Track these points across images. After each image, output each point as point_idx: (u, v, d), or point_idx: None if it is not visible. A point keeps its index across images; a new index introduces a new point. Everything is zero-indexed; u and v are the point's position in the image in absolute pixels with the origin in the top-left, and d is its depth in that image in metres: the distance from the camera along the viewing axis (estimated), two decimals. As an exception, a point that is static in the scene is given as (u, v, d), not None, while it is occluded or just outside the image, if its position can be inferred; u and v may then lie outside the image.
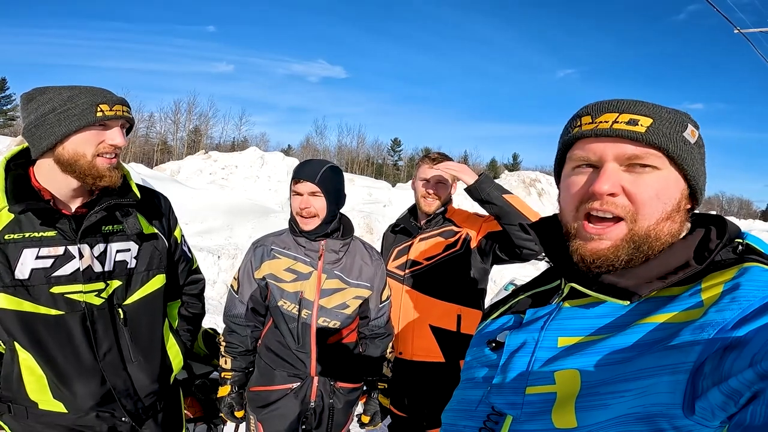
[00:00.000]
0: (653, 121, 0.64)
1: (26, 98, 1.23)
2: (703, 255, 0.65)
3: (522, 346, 0.72)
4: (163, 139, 52.68)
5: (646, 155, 0.64)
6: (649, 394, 0.56)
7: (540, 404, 0.65)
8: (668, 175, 0.65)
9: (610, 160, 0.66)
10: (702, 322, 0.57)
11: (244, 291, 1.70)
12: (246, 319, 1.71)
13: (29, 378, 1.21)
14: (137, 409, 1.35)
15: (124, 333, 1.31)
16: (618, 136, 0.65)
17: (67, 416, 1.25)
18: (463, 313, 1.87)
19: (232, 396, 1.71)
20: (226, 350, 1.72)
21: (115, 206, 1.29)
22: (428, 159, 1.95)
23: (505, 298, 0.90)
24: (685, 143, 0.65)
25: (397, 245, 2.01)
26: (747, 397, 0.49)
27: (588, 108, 0.69)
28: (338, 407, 1.72)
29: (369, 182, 14.96)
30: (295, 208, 1.63)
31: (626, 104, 0.66)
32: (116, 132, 1.23)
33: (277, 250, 1.69)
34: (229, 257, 6.92)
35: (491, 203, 1.72)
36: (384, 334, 1.81)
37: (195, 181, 12.16)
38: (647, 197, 0.64)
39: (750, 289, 0.57)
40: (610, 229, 0.66)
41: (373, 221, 9.35)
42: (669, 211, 0.65)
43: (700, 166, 0.68)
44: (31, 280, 1.17)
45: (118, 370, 1.30)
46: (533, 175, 17.35)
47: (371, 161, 65.63)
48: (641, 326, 0.62)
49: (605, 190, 0.64)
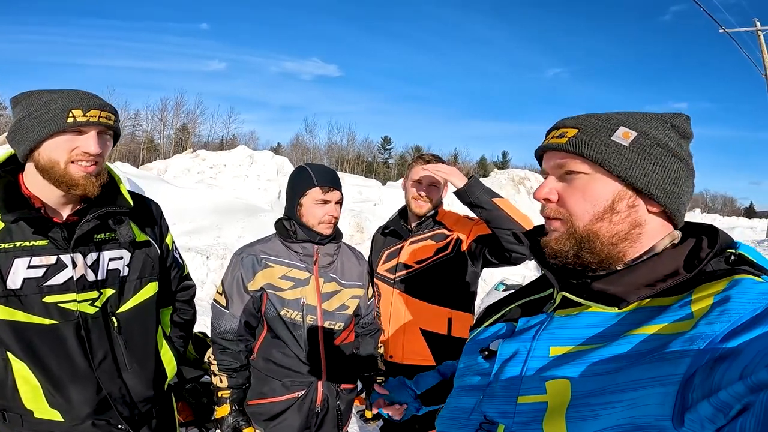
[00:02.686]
0: (578, 131, 0.71)
1: (13, 102, 1.21)
2: (693, 264, 0.65)
3: (514, 355, 0.73)
4: (150, 138, 51.95)
5: (567, 163, 0.72)
6: (639, 406, 0.56)
7: (532, 414, 0.65)
8: (594, 179, 0.70)
9: (548, 170, 0.75)
10: (692, 335, 0.57)
11: (235, 305, 1.63)
12: (237, 333, 1.64)
13: (24, 387, 1.19)
14: (133, 416, 1.33)
15: (118, 341, 1.30)
16: (550, 149, 0.75)
17: (63, 425, 1.22)
18: (454, 316, 1.87)
19: (234, 415, 1.63)
20: (220, 369, 1.65)
21: (107, 214, 1.26)
22: (421, 160, 1.94)
23: (499, 305, 0.90)
24: (609, 146, 0.69)
25: (387, 248, 2.00)
26: (737, 409, 0.49)
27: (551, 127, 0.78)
28: (342, 408, 1.71)
29: (359, 180, 14.93)
30: (320, 217, 1.61)
31: (565, 120, 0.75)
32: (90, 138, 1.17)
33: (268, 258, 1.64)
34: (218, 257, 6.86)
35: (480, 207, 1.72)
36: (375, 330, 1.85)
37: (183, 180, 12.02)
38: (574, 200, 0.71)
39: (740, 302, 0.57)
40: (556, 224, 0.73)
41: (363, 220, 9.33)
42: (599, 212, 0.69)
43: (642, 166, 0.67)
44: (24, 289, 1.15)
45: (114, 378, 1.29)
46: (522, 173, 17.45)
47: (361, 159, 65.50)
48: (632, 337, 0.62)
49: (539, 196, 0.75)
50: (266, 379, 1.65)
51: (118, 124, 1.27)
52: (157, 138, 52.52)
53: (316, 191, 1.60)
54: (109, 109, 1.22)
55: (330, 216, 1.61)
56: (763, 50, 14.11)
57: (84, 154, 1.17)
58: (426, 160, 1.93)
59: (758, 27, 14.11)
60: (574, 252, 0.70)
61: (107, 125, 1.21)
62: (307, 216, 1.62)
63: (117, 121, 1.27)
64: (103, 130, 1.21)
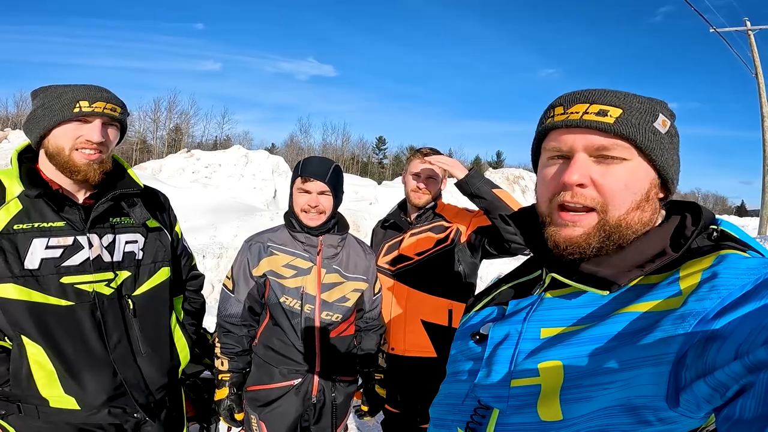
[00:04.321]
0: (623, 112, 0.64)
1: (33, 95, 1.29)
2: (679, 242, 0.65)
3: (506, 338, 0.72)
4: (142, 139, 51.59)
5: (614, 146, 0.65)
6: (633, 386, 0.56)
7: (525, 397, 0.64)
8: (637, 166, 0.66)
9: (579, 151, 0.66)
10: (682, 312, 0.56)
11: (241, 290, 1.68)
12: (242, 318, 1.69)
13: (39, 373, 1.20)
14: (148, 403, 1.35)
15: (133, 324, 1.32)
16: (587, 127, 0.65)
17: (79, 414, 1.23)
18: (454, 307, 1.88)
19: (231, 398, 1.68)
20: (222, 351, 1.69)
21: (120, 196, 1.31)
22: (419, 153, 1.96)
23: (488, 289, 0.89)
24: (655, 133, 0.65)
25: (388, 240, 2.02)
26: (734, 389, 0.48)
27: (561, 98, 0.70)
28: (339, 401, 1.72)
29: (355, 180, 14.95)
30: (302, 205, 1.63)
31: (597, 94, 0.66)
32: (93, 127, 1.23)
33: (274, 246, 1.68)
34: (214, 256, 6.83)
35: (481, 197, 1.75)
36: (378, 326, 1.85)
37: (177, 180, 11.97)
38: (616, 188, 0.65)
39: (728, 277, 0.56)
40: (581, 218, 0.66)
41: (359, 219, 9.34)
42: (638, 201, 0.66)
43: (671, 155, 0.68)
44: (41, 270, 1.19)
45: (129, 362, 1.31)
46: (517, 172, 17.57)
47: (356, 159, 65.48)
48: (622, 315, 0.61)
49: (574, 181, 0.65)
50: (265, 365, 1.68)
51: (124, 116, 1.32)
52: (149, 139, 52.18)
53: (298, 181, 1.64)
54: (115, 101, 1.29)
55: (308, 206, 1.61)
56: (753, 50, 14.27)
57: (87, 142, 1.23)
58: (424, 153, 1.95)
59: (748, 26, 14.26)
60: (600, 245, 0.66)
61: (111, 116, 1.27)
62: (294, 206, 1.66)
63: (124, 113, 1.32)
64: (107, 121, 1.27)
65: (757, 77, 14.30)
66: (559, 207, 0.68)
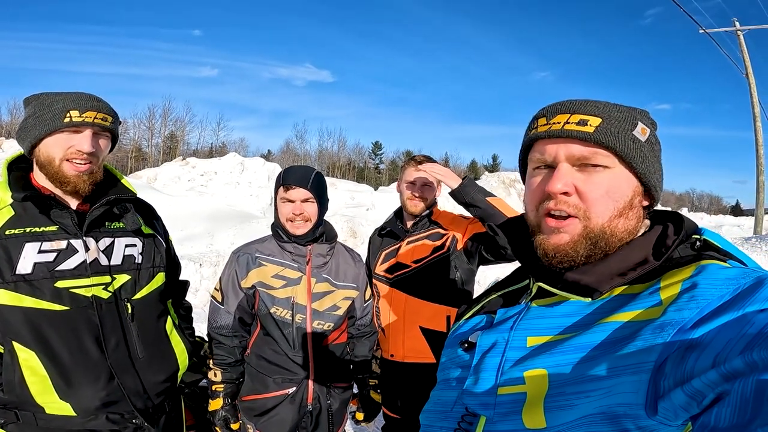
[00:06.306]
0: (602, 121, 0.66)
1: (25, 102, 1.27)
2: (661, 251, 0.66)
3: (493, 346, 0.73)
4: (137, 146, 51.48)
5: (595, 155, 0.67)
6: (614, 394, 0.56)
7: (511, 404, 0.65)
8: (619, 174, 0.67)
9: (562, 161, 0.68)
10: (662, 322, 0.57)
11: (230, 301, 1.68)
12: (233, 329, 1.69)
13: (32, 379, 1.18)
14: (147, 409, 1.33)
15: (131, 328, 1.31)
16: (568, 136, 0.67)
17: (76, 420, 1.21)
18: (452, 314, 1.89)
19: (226, 408, 1.68)
20: (215, 363, 1.70)
21: (114, 201, 1.31)
22: (413, 161, 1.98)
23: (478, 297, 0.90)
24: (634, 141, 0.67)
25: (385, 248, 2.03)
26: (710, 398, 0.49)
27: (544, 109, 0.72)
28: (335, 407, 1.73)
29: (351, 186, 14.97)
30: (287, 215, 1.62)
31: (578, 104, 0.68)
32: (84, 137, 1.22)
33: (262, 257, 1.68)
34: (211, 264, 6.82)
35: (475, 206, 1.76)
36: (370, 332, 1.86)
37: (173, 188, 11.95)
38: (597, 195, 0.67)
39: (707, 288, 0.57)
40: (565, 224, 0.68)
41: (356, 225, 9.35)
42: (621, 208, 0.67)
43: (652, 163, 0.69)
44: (34, 274, 1.17)
45: (127, 367, 1.29)
46: (512, 175, 17.61)
47: (352, 165, 65.50)
48: (605, 325, 0.62)
49: (558, 190, 0.67)
50: (259, 375, 1.68)
51: (115, 126, 1.31)
52: (144, 146, 52.09)
53: (280, 191, 1.63)
54: (106, 110, 1.27)
55: (293, 214, 1.61)
56: (743, 50, 14.43)
57: (78, 152, 1.22)
58: (418, 161, 1.97)
59: (737, 27, 14.42)
60: (587, 253, 0.67)
61: (102, 126, 1.26)
62: (279, 216, 1.67)
63: (115, 123, 1.30)
64: (98, 131, 1.26)
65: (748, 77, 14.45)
66: (546, 215, 0.70)
